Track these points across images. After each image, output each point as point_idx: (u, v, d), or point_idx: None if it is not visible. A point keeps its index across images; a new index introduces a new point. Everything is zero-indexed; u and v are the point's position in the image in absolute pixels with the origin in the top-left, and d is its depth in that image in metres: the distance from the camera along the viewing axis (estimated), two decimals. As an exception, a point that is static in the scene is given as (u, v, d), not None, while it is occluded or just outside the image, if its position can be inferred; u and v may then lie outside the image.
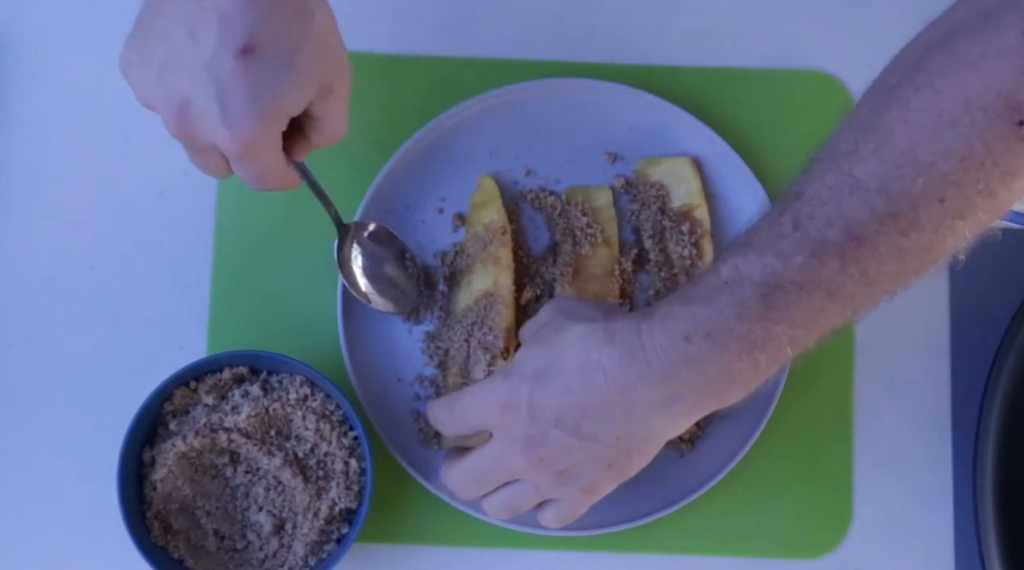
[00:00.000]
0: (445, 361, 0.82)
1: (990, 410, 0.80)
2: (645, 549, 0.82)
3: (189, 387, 0.80)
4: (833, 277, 0.62)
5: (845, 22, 0.88)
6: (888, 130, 0.61)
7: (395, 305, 0.83)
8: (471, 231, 0.83)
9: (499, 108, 0.85)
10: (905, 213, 0.61)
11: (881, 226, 0.61)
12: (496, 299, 0.81)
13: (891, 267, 0.62)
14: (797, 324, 0.64)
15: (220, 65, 0.63)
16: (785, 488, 0.83)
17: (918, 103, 0.60)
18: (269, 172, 0.69)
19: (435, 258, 0.85)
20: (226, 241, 0.85)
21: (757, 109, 0.86)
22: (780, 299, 0.63)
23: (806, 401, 0.84)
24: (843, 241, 0.61)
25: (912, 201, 0.61)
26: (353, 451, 0.79)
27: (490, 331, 0.80)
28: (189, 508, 0.80)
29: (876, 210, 0.61)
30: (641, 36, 0.88)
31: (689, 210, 0.84)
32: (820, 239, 0.62)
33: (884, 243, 0.62)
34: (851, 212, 0.61)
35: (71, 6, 0.88)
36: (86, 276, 0.85)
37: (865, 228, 0.61)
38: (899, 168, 0.60)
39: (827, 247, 0.62)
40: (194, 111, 0.64)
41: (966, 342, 0.85)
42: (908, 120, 0.60)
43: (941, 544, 0.83)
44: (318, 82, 0.66)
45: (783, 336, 0.64)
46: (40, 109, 0.87)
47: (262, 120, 0.64)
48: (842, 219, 0.61)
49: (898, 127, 0.61)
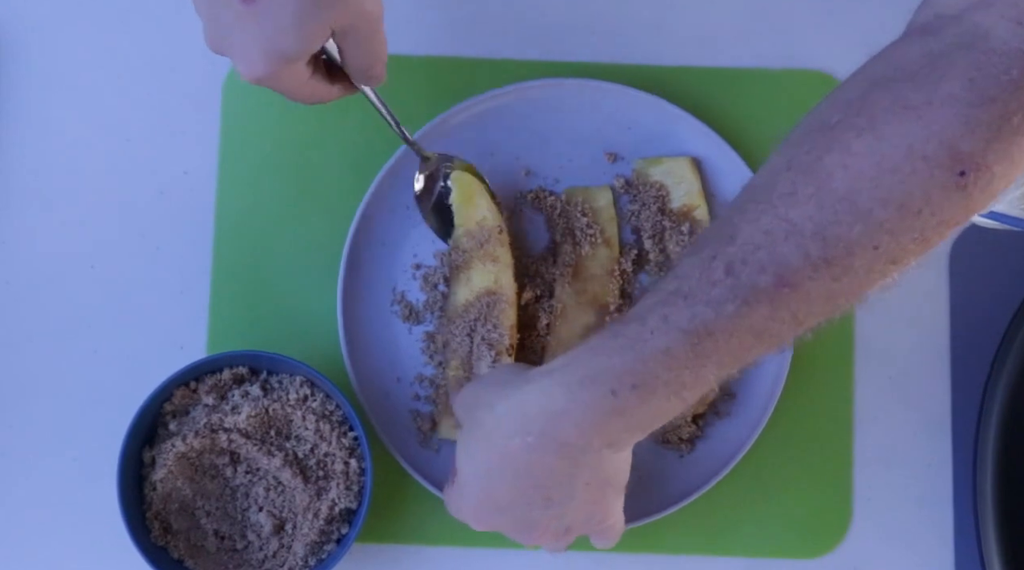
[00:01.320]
0: (445, 355, 0.82)
1: (990, 410, 0.80)
2: (645, 549, 0.82)
3: (189, 387, 0.80)
4: (762, 321, 0.61)
5: (845, 22, 0.88)
6: (828, 174, 0.60)
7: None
8: (463, 229, 0.82)
9: (499, 108, 0.85)
10: (839, 259, 0.60)
11: (814, 272, 0.60)
12: (499, 297, 0.81)
13: (819, 308, 0.61)
14: (724, 364, 0.63)
15: (229, 10, 0.66)
16: (785, 488, 0.83)
17: (859, 148, 0.59)
18: (295, 95, 0.72)
19: (435, 258, 0.85)
20: (226, 241, 0.85)
21: (757, 109, 0.86)
22: (709, 346, 0.61)
23: (806, 401, 0.84)
24: (775, 287, 0.60)
25: (847, 247, 0.59)
26: (353, 451, 0.79)
27: (494, 328, 0.80)
28: (189, 508, 0.80)
29: (810, 256, 0.60)
30: (641, 36, 0.88)
31: (689, 210, 0.84)
32: (752, 286, 0.60)
33: (816, 288, 0.60)
34: (785, 258, 0.60)
35: (71, 6, 0.88)
36: (86, 276, 0.85)
37: (798, 274, 0.60)
38: (836, 214, 0.59)
39: (758, 294, 0.60)
40: (220, 33, 0.67)
41: (966, 342, 0.85)
42: (849, 165, 0.59)
43: (941, 544, 0.83)
44: (327, 28, 0.67)
45: (710, 375, 0.63)
46: (40, 109, 0.87)
47: (268, 63, 0.67)
48: (775, 265, 0.60)
49: (838, 172, 0.59)
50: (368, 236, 0.84)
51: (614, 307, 0.83)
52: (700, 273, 0.62)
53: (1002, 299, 0.83)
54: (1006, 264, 0.85)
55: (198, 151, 0.86)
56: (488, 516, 0.69)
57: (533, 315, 0.83)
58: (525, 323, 0.83)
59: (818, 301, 0.61)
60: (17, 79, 0.87)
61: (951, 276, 0.85)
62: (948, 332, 0.85)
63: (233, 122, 0.86)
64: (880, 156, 0.58)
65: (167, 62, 0.87)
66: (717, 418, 0.83)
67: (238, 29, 0.66)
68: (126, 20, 0.88)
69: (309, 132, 0.86)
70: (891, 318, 0.85)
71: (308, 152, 0.86)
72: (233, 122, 0.86)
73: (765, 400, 0.82)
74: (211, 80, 0.87)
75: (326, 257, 0.84)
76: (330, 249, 0.84)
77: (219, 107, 0.86)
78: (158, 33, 0.87)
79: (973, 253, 0.85)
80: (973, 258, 0.85)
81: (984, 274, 0.85)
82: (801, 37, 0.88)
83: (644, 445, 0.83)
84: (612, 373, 0.63)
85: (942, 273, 0.85)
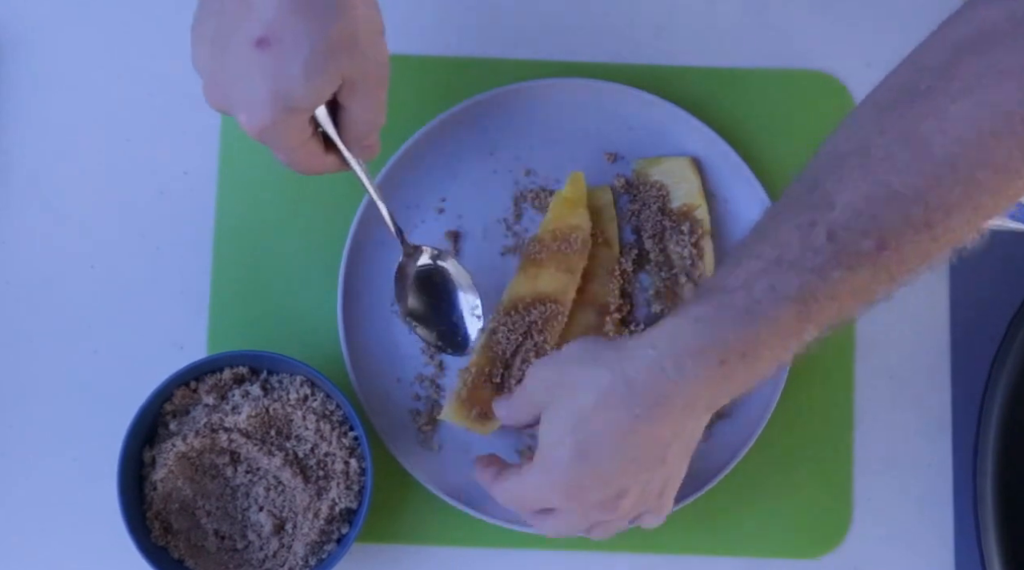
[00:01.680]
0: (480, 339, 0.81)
1: (990, 410, 0.80)
2: (645, 549, 0.83)
3: (189, 387, 0.80)
4: (864, 283, 0.63)
5: (845, 22, 0.88)
6: (926, 140, 0.61)
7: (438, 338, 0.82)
8: (554, 225, 0.82)
9: (499, 108, 0.85)
10: (940, 221, 0.61)
11: (916, 234, 0.62)
12: (560, 310, 0.81)
13: (916, 264, 0.63)
14: (823, 326, 0.64)
15: (239, 52, 0.65)
16: (785, 488, 0.83)
17: (956, 113, 0.60)
18: (293, 158, 0.71)
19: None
20: (226, 241, 0.85)
21: (757, 109, 0.86)
22: (814, 310, 0.63)
23: (806, 401, 0.84)
24: (877, 250, 0.62)
25: (947, 209, 0.61)
26: (353, 451, 0.79)
27: (546, 340, 0.80)
28: (189, 508, 0.80)
29: (912, 219, 0.61)
30: (641, 36, 0.88)
31: (689, 210, 0.84)
32: (856, 251, 0.62)
33: (915, 248, 0.62)
34: (888, 222, 0.61)
35: (71, 6, 0.88)
36: (86, 276, 0.85)
37: (901, 237, 0.62)
38: (938, 178, 0.61)
39: (861, 259, 0.62)
40: (220, 91, 0.67)
41: (966, 342, 0.85)
42: (947, 130, 0.60)
43: (941, 544, 0.83)
44: (336, 79, 0.67)
45: (809, 336, 0.65)
46: (40, 109, 0.87)
47: (274, 110, 0.66)
48: (878, 229, 0.62)
49: (936, 138, 0.61)
50: (368, 236, 0.84)
51: (614, 307, 0.83)
52: (801, 240, 0.63)
53: (1002, 299, 0.83)
54: (1006, 264, 0.85)
55: (198, 151, 0.86)
56: (581, 491, 0.69)
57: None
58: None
59: (915, 259, 0.63)
60: (17, 79, 0.87)
61: (951, 276, 0.85)
62: (948, 332, 0.85)
63: (233, 122, 0.86)
64: (979, 120, 0.60)
65: (167, 62, 0.87)
66: (717, 418, 0.83)
67: (245, 76, 0.65)
68: (126, 20, 0.88)
69: (309, 132, 0.86)
70: (891, 318, 0.85)
71: (308, 152, 0.86)
72: (233, 122, 0.86)
73: (765, 400, 0.82)
74: (211, 80, 0.87)
75: (326, 257, 0.84)
76: (330, 249, 0.84)
77: (219, 107, 0.86)
78: (158, 33, 0.87)
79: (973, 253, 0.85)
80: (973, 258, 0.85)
81: (984, 274, 0.85)
82: (801, 37, 0.88)
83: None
84: (722, 344, 0.64)
85: (942, 273, 0.85)
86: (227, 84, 0.66)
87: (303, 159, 0.71)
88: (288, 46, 0.64)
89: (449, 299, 0.82)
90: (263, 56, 0.64)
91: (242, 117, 0.66)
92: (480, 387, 0.80)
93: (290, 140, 0.69)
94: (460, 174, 0.85)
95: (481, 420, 0.80)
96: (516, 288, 0.81)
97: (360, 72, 0.67)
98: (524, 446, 0.83)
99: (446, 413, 0.80)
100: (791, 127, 0.87)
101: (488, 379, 0.80)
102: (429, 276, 0.82)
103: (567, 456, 0.68)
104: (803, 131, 0.87)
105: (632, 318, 0.84)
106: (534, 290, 0.81)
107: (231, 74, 0.66)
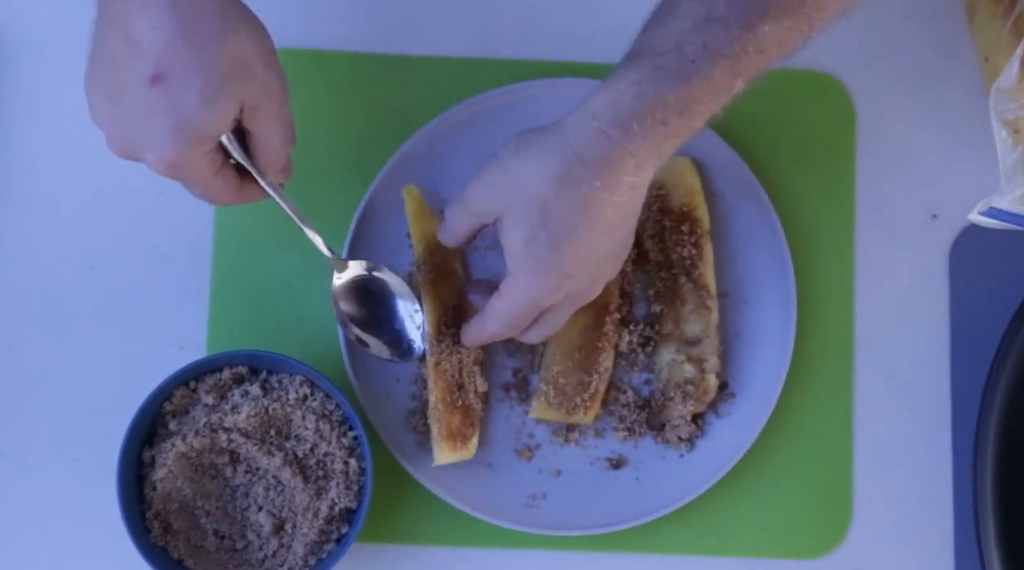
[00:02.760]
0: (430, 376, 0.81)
1: (990, 410, 0.80)
2: (645, 549, 0.82)
3: (189, 387, 0.80)
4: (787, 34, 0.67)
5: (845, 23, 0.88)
6: None
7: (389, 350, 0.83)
8: (423, 243, 0.82)
9: (499, 108, 0.85)
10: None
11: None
12: (463, 310, 0.82)
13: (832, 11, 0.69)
14: (751, 77, 0.68)
15: (135, 94, 0.66)
16: (785, 488, 0.83)
17: None
18: (207, 191, 0.72)
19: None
20: (226, 241, 0.85)
21: (757, 109, 0.86)
22: (744, 65, 0.67)
23: (806, 401, 0.84)
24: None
25: None
26: (353, 451, 0.79)
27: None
28: (189, 508, 0.80)
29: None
30: (641, 36, 0.88)
31: (689, 210, 0.84)
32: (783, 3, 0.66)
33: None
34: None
35: (71, 6, 0.88)
36: (86, 276, 0.85)
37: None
38: None
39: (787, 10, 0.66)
40: (122, 137, 0.68)
41: (966, 342, 0.85)
42: None
43: (941, 544, 0.83)
44: (236, 104, 0.68)
45: (738, 90, 0.68)
46: (40, 109, 0.87)
47: (177, 143, 0.67)
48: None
49: None
50: (368, 236, 0.84)
51: (613, 306, 0.83)
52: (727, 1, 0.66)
53: (1002, 299, 0.83)
54: (1006, 264, 0.85)
55: (198, 151, 0.86)
56: (569, 279, 0.71)
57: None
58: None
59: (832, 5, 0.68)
60: (17, 79, 0.87)
61: (951, 276, 0.85)
62: (948, 332, 0.85)
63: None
64: None
65: (167, 62, 0.87)
66: (717, 418, 0.83)
67: (144, 115, 0.66)
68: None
69: (309, 132, 0.86)
70: (891, 318, 0.85)
71: (308, 152, 0.86)
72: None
73: (765, 400, 0.82)
74: (211, 80, 0.87)
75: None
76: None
77: (219, 107, 0.86)
78: (158, 33, 0.87)
79: (973, 253, 0.85)
80: (973, 258, 0.85)
81: (984, 274, 0.85)
82: (801, 37, 0.88)
83: (644, 445, 0.83)
84: (661, 105, 0.67)
85: (942, 273, 0.85)
86: (128, 127, 0.67)
87: (218, 190, 0.72)
88: (181, 78, 0.65)
89: (389, 307, 0.82)
90: (159, 92, 0.65)
91: (149, 156, 0.67)
92: (452, 416, 0.80)
93: (201, 172, 0.70)
94: (460, 174, 0.85)
95: (465, 444, 0.80)
96: (432, 314, 0.81)
97: (257, 95, 0.69)
98: (522, 446, 0.83)
99: (438, 459, 0.80)
100: (791, 127, 0.87)
101: (453, 406, 0.80)
102: (366, 287, 0.82)
103: (545, 248, 0.70)
104: (803, 131, 0.87)
105: (631, 318, 0.84)
106: (444, 305, 0.81)
107: (130, 116, 0.67)
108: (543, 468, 0.82)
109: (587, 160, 0.68)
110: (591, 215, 0.69)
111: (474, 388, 0.81)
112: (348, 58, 0.84)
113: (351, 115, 0.86)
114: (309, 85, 0.86)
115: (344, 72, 0.87)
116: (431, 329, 0.81)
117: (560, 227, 0.69)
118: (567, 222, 0.69)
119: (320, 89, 0.86)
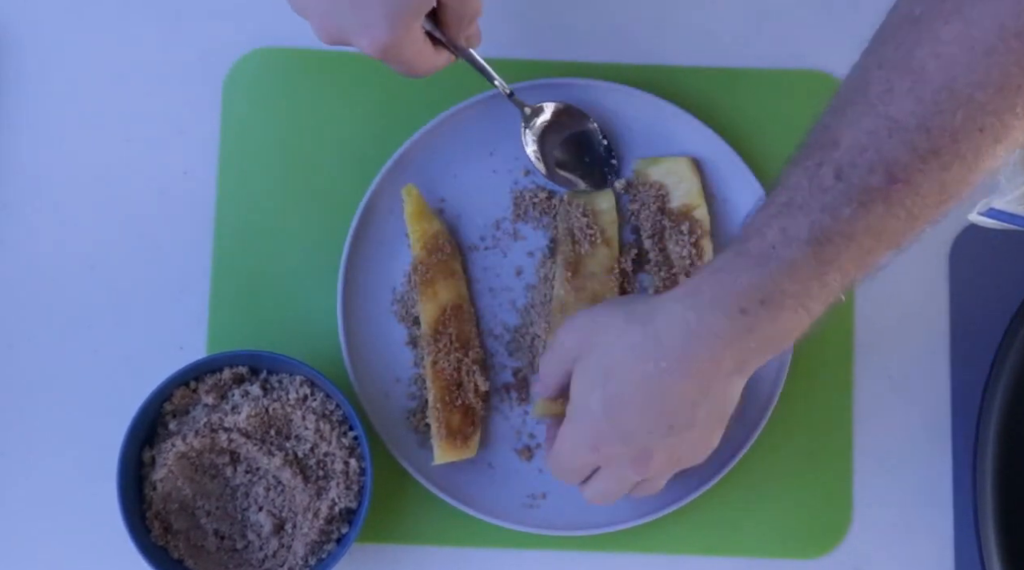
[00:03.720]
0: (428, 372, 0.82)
1: (990, 410, 0.80)
2: (645, 549, 0.82)
3: (189, 387, 0.80)
4: (879, 221, 0.62)
5: (844, 22, 0.88)
6: (921, 67, 0.60)
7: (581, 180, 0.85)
8: (421, 242, 0.82)
9: (499, 108, 0.85)
10: (946, 148, 0.60)
11: (923, 164, 0.61)
12: (463, 304, 0.82)
13: (933, 199, 0.62)
14: (847, 270, 0.64)
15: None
16: (785, 488, 0.83)
17: (948, 35, 0.59)
18: (414, 64, 0.74)
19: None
20: (226, 241, 0.85)
21: (757, 109, 0.86)
22: (831, 252, 0.63)
23: (806, 401, 0.84)
24: (887, 185, 0.61)
25: (953, 135, 0.60)
26: (353, 451, 0.79)
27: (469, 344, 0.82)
28: (189, 508, 0.80)
29: (918, 149, 0.61)
30: (641, 36, 0.88)
31: (689, 210, 0.84)
32: (864, 187, 0.62)
33: (927, 179, 0.61)
34: (892, 154, 0.61)
35: (71, 6, 0.88)
36: (86, 276, 0.85)
37: (908, 168, 0.61)
38: (937, 104, 0.60)
39: (871, 194, 0.62)
40: (336, 22, 0.70)
41: (966, 342, 0.85)
42: (941, 54, 0.60)
43: (941, 544, 0.83)
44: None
45: (834, 283, 0.64)
46: (40, 109, 0.87)
47: (393, 26, 0.69)
48: (884, 163, 0.61)
49: (931, 62, 0.60)
50: (368, 236, 0.84)
51: (614, 307, 0.83)
52: (809, 182, 0.63)
53: (1002, 299, 0.83)
54: (1006, 264, 0.85)
55: (198, 151, 0.86)
56: (609, 445, 0.70)
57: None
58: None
59: (931, 193, 0.62)
60: (17, 79, 0.87)
61: (951, 276, 0.85)
62: (948, 332, 0.85)
63: (233, 122, 0.86)
64: (972, 40, 0.59)
65: (167, 62, 0.87)
66: (717, 418, 0.83)
67: (356, 6, 0.68)
68: (126, 20, 0.88)
69: (309, 132, 0.86)
70: (891, 318, 0.85)
71: (308, 152, 0.86)
72: (233, 122, 0.86)
73: (765, 400, 0.82)
74: (211, 80, 0.87)
75: (326, 257, 0.84)
76: (330, 249, 0.84)
77: (219, 107, 0.86)
78: (158, 33, 0.87)
79: (973, 253, 0.85)
80: (973, 258, 0.85)
81: (984, 274, 0.85)
82: (801, 37, 0.88)
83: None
84: (740, 291, 0.64)
85: (942, 273, 0.85)
86: (340, 15, 0.69)
87: (425, 62, 0.74)
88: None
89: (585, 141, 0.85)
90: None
91: (364, 41, 0.70)
92: (452, 415, 0.81)
93: (410, 49, 0.72)
94: (460, 174, 0.85)
95: (465, 443, 0.81)
96: (427, 315, 0.82)
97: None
98: (522, 446, 0.83)
99: (439, 458, 0.80)
100: (791, 127, 0.86)
101: (453, 405, 0.81)
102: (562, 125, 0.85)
103: (596, 407, 0.69)
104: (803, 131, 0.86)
105: (632, 318, 0.84)
106: (440, 306, 0.82)
107: (341, 4, 0.69)
108: (543, 468, 0.82)
109: (660, 340, 0.66)
110: (648, 394, 0.67)
111: (474, 387, 0.81)
112: (348, 58, 0.84)
113: (351, 115, 0.86)
114: (309, 85, 0.86)
115: (344, 72, 0.87)
116: (428, 329, 0.81)
117: (615, 393, 0.68)
118: (623, 392, 0.68)
119: (320, 89, 0.86)
